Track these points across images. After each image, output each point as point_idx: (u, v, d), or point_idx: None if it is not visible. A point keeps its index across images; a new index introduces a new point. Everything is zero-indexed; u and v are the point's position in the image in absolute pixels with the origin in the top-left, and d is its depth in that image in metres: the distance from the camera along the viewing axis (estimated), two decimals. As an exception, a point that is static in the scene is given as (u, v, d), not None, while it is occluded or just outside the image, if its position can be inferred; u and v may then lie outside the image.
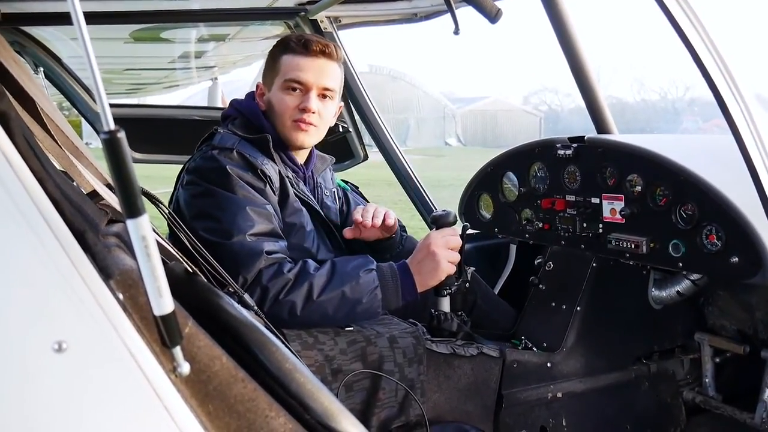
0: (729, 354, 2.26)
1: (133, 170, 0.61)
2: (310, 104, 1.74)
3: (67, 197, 0.71)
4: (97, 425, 0.63)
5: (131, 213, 0.61)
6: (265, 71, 1.82)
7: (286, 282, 1.52)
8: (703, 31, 1.28)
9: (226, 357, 0.78)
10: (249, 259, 1.51)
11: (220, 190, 1.58)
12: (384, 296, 1.61)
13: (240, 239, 1.52)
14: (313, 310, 1.54)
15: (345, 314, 1.59)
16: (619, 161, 1.90)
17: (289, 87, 1.74)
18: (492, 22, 1.83)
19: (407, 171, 2.89)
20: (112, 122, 0.60)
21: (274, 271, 1.52)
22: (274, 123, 1.78)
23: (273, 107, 1.78)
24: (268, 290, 1.50)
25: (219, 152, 1.63)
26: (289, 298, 1.51)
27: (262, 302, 1.49)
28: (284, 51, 1.76)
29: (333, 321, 1.60)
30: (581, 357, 2.11)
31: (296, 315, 1.52)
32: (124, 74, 4.58)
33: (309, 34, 1.83)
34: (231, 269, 1.40)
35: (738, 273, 1.62)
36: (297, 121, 1.76)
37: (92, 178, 1.26)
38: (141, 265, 0.63)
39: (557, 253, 2.26)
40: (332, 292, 1.55)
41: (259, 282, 1.50)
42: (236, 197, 1.57)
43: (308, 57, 1.73)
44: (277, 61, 1.77)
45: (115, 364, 0.65)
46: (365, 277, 1.60)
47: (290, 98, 1.75)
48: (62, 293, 0.63)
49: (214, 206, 1.56)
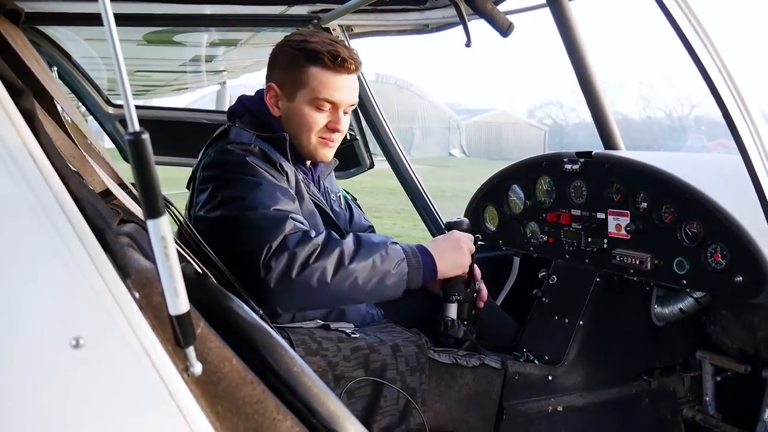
0: (730, 373, 2.25)
1: (156, 172, 0.62)
2: (341, 125, 1.70)
3: (86, 196, 0.72)
4: (111, 420, 0.64)
5: (152, 213, 0.63)
6: (283, 76, 1.70)
7: (315, 247, 1.45)
8: (713, 49, 1.29)
9: (236, 359, 0.79)
10: (274, 224, 1.44)
11: (242, 176, 1.53)
12: (409, 270, 1.57)
13: (264, 211, 1.47)
14: (344, 277, 1.47)
15: (374, 286, 1.52)
16: (626, 177, 1.92)
17: (320, 105, 1.67)
18: (503, 36, 1.85)
19: (413, 180, 2.89)
20: (137, 124, 0.61)
21: (301, 237, 1.45)
22: (293, 133, 1.71)
23: (295, 120, 1.70)
24: (296, 255, 1.42)
25: (236, 146, 1.60)
26: (319, 263, 1.44)
27: (289, 268, 1.41)
28: (314, 63, 1.64)
29: (361, 293, 1.53)
30: (582, 371, 2.11)
31: (326, 282, 1.44)
32: (134, 76, 4.62)
33: (339, 45, 1.66)
34: (254, 240, 1.40)
35: (742, 292, 1.62)
36: (324, 139, 1.71)
37: (106, 176, 1.27)
38: (159, 265, 0.64)
39: (561, 267, 2.26)
40: (363, 260, 1.50)
41: (286, 247, 1.42)
42: (258, 180, 1.53)
43: (341, 74, 1.65)
44: (304, 72, 1.66)
45: (130, 361, 0.66)
46: (392, 248, 1.57)
47: (320, 116, 1.68)
48: (82, 290, 0.64)
49: (236, 190, 1.51)
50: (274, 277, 1.39)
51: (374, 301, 1.73)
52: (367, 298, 1.63)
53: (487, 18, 1.84)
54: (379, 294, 1.57)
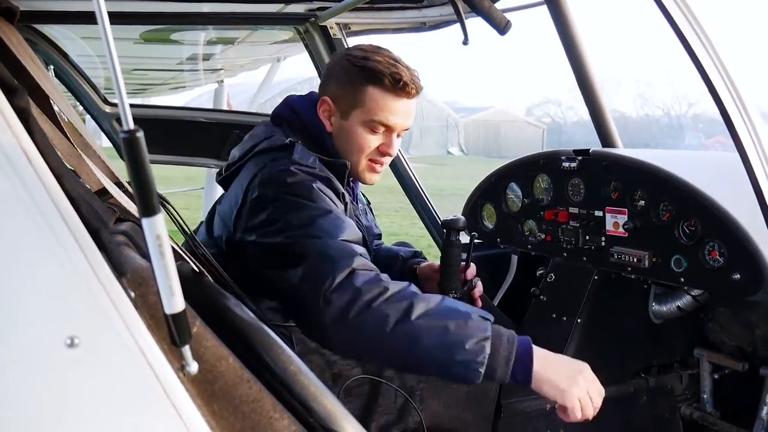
0: (728, 371, 2.26)
1: (150, 170, 0.62)
2: (393, 149, 1.63)
3: (82, 195, 0.72)
4: (107, 419, 0.64)
5: (147, 212, 0.62)
6: (339, 91, 1.62)
7: (383, 290, 1.29)
8: (711, 47, 1.29)
9: (233, 357, 0.78)
10: (341, 256, 1.33)
11: (308, 202, 1.43)
12: (492, 354, 1.26)
13: (331, 241, 1.36)
14: (405, 332, 1.25)
15: (438, 355, 1.26)
16: (624, 175, 1.92)
17: (374, 127, 1.59)
18: (501, 34, 1.85)
19: (411, 179, 2.89)
20: (132, 122, 0.61)
21: (372, 277, 1.32)
22: (342, 152, 1.64)
23: (346, 139, 1.63)
24: (361, 294, 1.27)
25: (300, 168, 1.49)
26: (383, 308, 1.26)
27: (350, 306, 1.26)
28: (374, 83, 1.56)
29: (420, 358, 1.28)
30: (580, 369, 2.11)
31: (384, 330, 1.24)
32: (131, 74, 4.61)
33: (402, 67, 1.57)
34: (318, 269, 1.30)
35: (739, 290, 1.63)
36: (373, 162, 1.65)
37: (102, 175, 1.27)
38: (154, 264, 0.64)
39: (559, 265, 2.26)
40: (434, 320, 1.27)
41: (352, 284, 1.28)
42: (325, 208, 1.43)
43: (400, 98, 1.58)
44: (362, 92, 1.57)
45: (125, 360, 0.65)
46: (478, 322, 1.29)
47: (373, 138, 1.61)
48: (77, 290, 0.64)
49: (301, 217, 1.41)
50: (331, 312, 1.26)
51: (435, 373, 1.41)
52: (426, 368, 1.35)
53: (485, 16, 1.84)
54: (443, 368, 1.29)
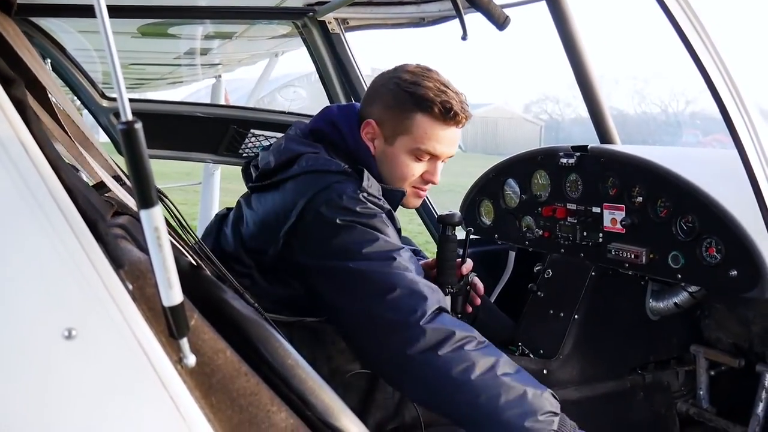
0: (724, 367, 2.27)
1: (148, 161, 0.62)
2: (437, 178, 1.61)
3: (79, 187, 0.72)
4: (104, 412, 0.64)
5: (145, 203, 0.62)
6: (385, 115, 1.56)
7: (473, 338, 1.32)
8: (710, 44, 1.29)
9: (230, 351, 0.78)
10: (428, 292, 1.33)
11: (380, 235, 1.40)
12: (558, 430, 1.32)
13: (413, 276, 1.35)
14: (488, 384, 1.28)
15: (510, 416, 1.28)
16: (622, 171, 1.92)
17: (420, 156, 1.56)
18: (500, 29, 1.84)
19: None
20: (130, 113, 0.60)
21: (459, 322, 1.34)
22: (386, 178, 1.60)
23: (391, 165, 1.59)
24: (454, 334, 1.29)
25: (369, 197, 1.44)
26: (472, 354, 1.28)
27: (443, 342, 1.27)
28: (422, 110, 1.52)
29: (492, 413, 1.29)
30: (577, 365, 2.12)
31: (469, 376, 1.27)
32: (129, 69, 4.59)
33: (452, 94, 1.54)
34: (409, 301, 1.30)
35: (736, 286, 1.63)
36: (417, 188, 1.62)
37: (100, 169, 1.27)
38: (152, 256, 0.63)
39: (556, 261, 2.27)
40: (516, 382, 1.31)
41: (443, 322, 1.31)
42: (396, 244, 1.42)
43: (449, 127, 1.54)
44: (410, 118, 1.53)
45: (123, 352, 0.65)
46: (551, 398, 1.35)
47: (417, 166, 1.58)
48: (74, 281, 0.64)
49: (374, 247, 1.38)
50: (422, 344, 1.26)
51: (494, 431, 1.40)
52: (492, 424, 1.32)
53: (484, 11, 1.83)
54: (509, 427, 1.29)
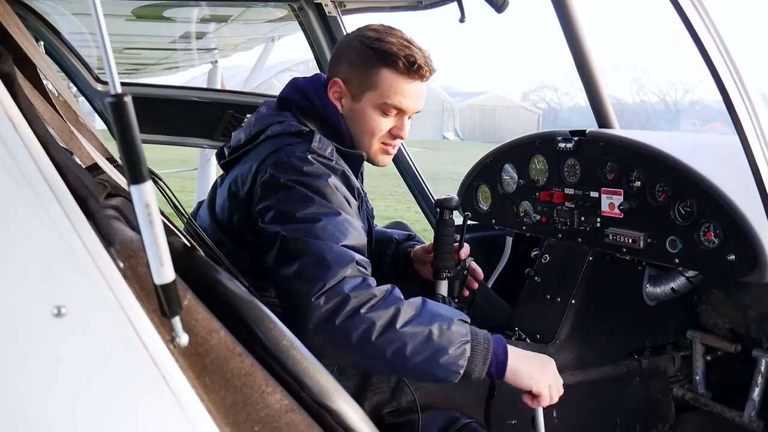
0: (720, 352, 2.27)
1: (138, 136, 0.60)
2: (404, 132, 1.62)
3: (68, 163, 0.70)
4: (95, 390, 0.63)
5: (135, 179, 0.61)
6: (351, 73, 1.59)
7: (370, 297, 1.31)
8: (713, 27, 1.27)
9: (224, 331, 0.77)
10: (337, 263, 1.32)
11: (316, 197, 1.40)
12: (471, 357, 1.35)
13: (330, 245, 1.35)
14: (390, 339, 1.29)
15: (422, 360, 1.31)
16: (620, 156, 1.91)
17: (387, 110, 1.58)
18: (498, 12, 1.82)
19: (408, 162, 2.88)
20: (119, 86, 0.59)
21: (360, 283, 1.33)
22: (355, 136, 1.63)
23: (359, 122, 1.61)
24: (349, 300, 1.29)
25: (318, 158, 1.45)
26: (370, 315, 1.29)
27: (336, 313, 1.28)
28: (387, 65, 1.54)
29: (404, 364, 1.32)
30: (574, 350, 2.12)
31: (369, 338, 1.28)
32: (123, 53, 4.55)
33: (415, 49, 1.56)
34: (311, 272, 1.30)
35: (734, 271, 1.62)
36: (386, 145, 1.64)
37: (93, 151, 1.25)
38: (143, 233, 0.62)
39: (554, 246, 2.26)
40: (418, 326, 1.31)
41: (341, 290, 1.30)
42: (333, 207, 1.40)
43: (414, 81, 1.57)
44: (375, 73, 1.55)
45: (113, 331, 0.64)
46: (458, 326, 1.36)
47: (385, 121, 1.60)
48: (63, 258, 0.63)
49: (307, 211, 1.39)
50: (316, 317, 1.27)
51: (418, 379, 1.49)
52: (410, 373, 1.42)
53: (482, -7, 1.82)
54: (426, 372, 1.35)
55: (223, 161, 1.67)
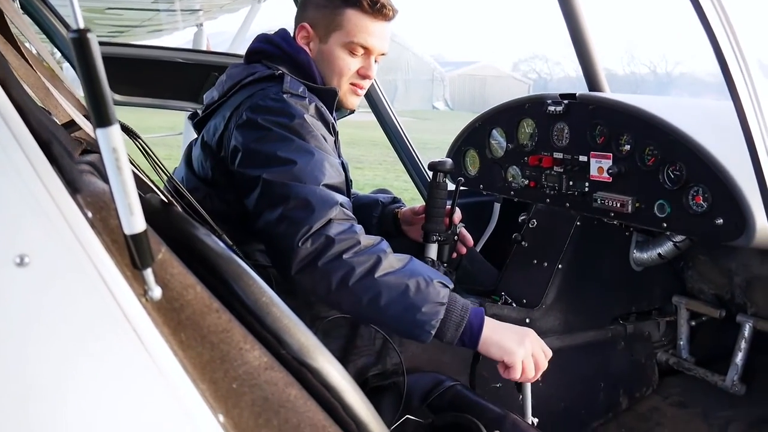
0: (705, 318, 2.29)
1: (104, 75, 0.57)
2: (372, 72, 1.65)
3: (30, 107, 0.67)
4: (60, 342, 0.60)
5: (101, 122, 0.57)
6: (317, 16, 1.63)
7: (355, 243, 1.32)
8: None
9: (201, 286, 0.75)
10: (321, 204, 1.32)
11: (294, 137, 1.41)
12: (444, 320, 1.35)
13: (313, 186, 1.35)
14: (366, 287, 1.30)
15: (395, 313, 1.32)
16: (610, 119, 1.88)
17: (353, 49, 1.61)
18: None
19: (398, 131, 2.86)
20: (82, 21, 0.55)
21: (347, 228, 1.33)
22: (324, 77, 1.64)
23: (328, 63, 1.63)
24: (333, 244, 1.29)
25: (292, 97, 1.46)
26: (351, 260, 1.29)
27: (319, 255, 1.28)
28: (351, 5, 1.58)
29: (377, 314, 1.33)
30: (560, 314, 2.12)
31: (346, 283, 1.29)
32: (105, 14, 4.43)
33: None
34: (296, 216, 1.31)
35: (722, 235, 1.62)
36: (354, 86, 1.66)
37: (69, 106, 1.21)
38: (111, 179, 0.59)
39: (542, 211, 2.25)
40: (396, 279, 1.32)
41: (325, 233, 1.30)
42: (311, 147, 1.41)
43: (378, 21, 1.60)
44: (340, 14, 1.59)
45: (80, 282, 0.61)
46: (437, 287, 1.35)
47: (352, 61, 1.62)
48: (25, 204, 0.59)
49: (287, 152, 1.38)
50: (300, 258, 1.28)
51: (388, 328, 1.52)
52: (381, 323, 1.45)
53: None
54: (399, 326, 1.36)
55: (196, 119, 1.69)
